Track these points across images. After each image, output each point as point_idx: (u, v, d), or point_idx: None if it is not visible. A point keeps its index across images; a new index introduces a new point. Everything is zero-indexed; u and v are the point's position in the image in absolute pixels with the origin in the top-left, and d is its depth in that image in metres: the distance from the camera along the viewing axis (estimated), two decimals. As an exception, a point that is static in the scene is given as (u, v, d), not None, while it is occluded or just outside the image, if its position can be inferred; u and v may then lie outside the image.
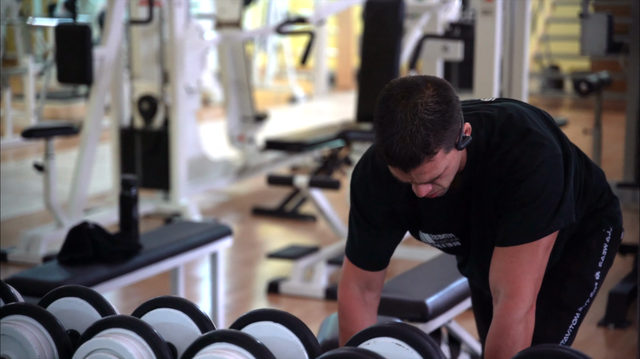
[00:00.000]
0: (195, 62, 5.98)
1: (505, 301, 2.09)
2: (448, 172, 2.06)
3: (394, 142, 1.96)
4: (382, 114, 1.99)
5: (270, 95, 12.17)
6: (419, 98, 1.97)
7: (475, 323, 2.68)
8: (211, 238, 4.01)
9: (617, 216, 2.35)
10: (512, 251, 2.10)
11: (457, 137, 2.04)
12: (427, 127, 1.96)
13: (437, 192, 2.11)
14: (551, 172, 2.10)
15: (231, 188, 7.12)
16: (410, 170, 2.00)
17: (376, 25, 5.40)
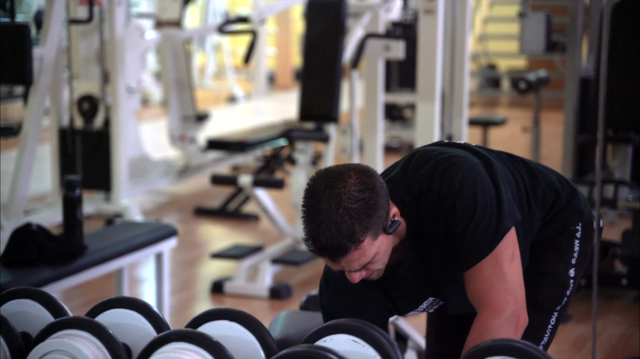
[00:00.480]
0: (135, 61, 5.94)
1: (480, 315, 2.11)
2: (378, 257, 2.09)
3: (320, 233, 2.00)
4: (308, 205, 2.03)
5: (209, 95, 12.13)
6: (342, 187, 2.01)
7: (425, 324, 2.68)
8: (156, 239, 3.99)
9: (583, 209, 2.35)
10: (474, 271, 2.13)
11: (384, 222, 2.06)
12: (352, 215, 1.99)
13: (373, 275, 2.12)
14: (475, 183, 2.12)
15: (172, 188, 7.08)
16: (339, 259, 2.04)
17: (318, 24, 5.41)
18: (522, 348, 1.76)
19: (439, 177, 2.13)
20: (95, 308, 1.98)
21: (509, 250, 2.13)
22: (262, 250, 5.06)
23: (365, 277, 2.11)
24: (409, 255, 2.19)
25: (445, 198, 2.11)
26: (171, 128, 6.97)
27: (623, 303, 4.59)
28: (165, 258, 4.09)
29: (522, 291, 2.14)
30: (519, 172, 2.28)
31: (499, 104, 11.87)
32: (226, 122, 9.76)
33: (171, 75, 6.95)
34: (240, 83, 12.51)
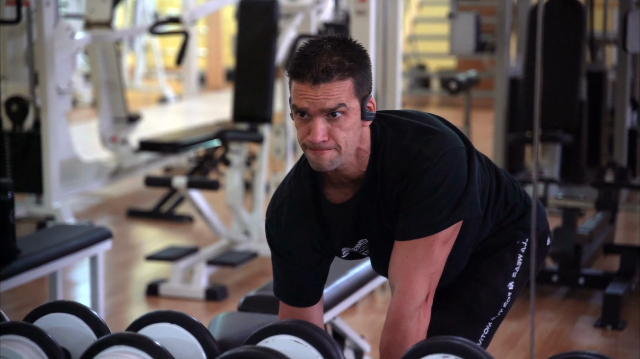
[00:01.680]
0: (65, 62, 5.86)
1: (397, 297, 2.12)
2: (349, 122, 2.09)
3: (311, 56, 2.07)
4: (307, 44, 2.11)
5: (139, 96, 12.03)
6: (344, 41, 2.13)
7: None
8: (90, 241, 3.95)
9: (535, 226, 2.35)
10: (409, 245, 2.13)
11: (365, 95, 2.11)
12: (345, 54, 2.09)
13: (331, 155, 2.10)
14: (452, 164, 2.13)
15: (105, 190, 7.02)
16: (320, 83, 2.06)
17: (250, 25, 5.41)
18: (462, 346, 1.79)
19: (424, 141, 2.15)
20: (33, 313, 1.96)
21: (446, 237, 2.14)
22: (197, 252, 5.04)
23: (322, 150, 2.09)
24: (360, 192, 2.20)
25: (420, 162, 2.12)
26: (102, 130, 6.90)
27: (554, 299, 4.68)
28: (99, 260, 4.05)
29: (437, 281, 2.15)
30: (489, 177, 2.29)
31: (429, 104, 11.99)
32: (158, 123, 9.70)
33: (101, 76, 6.87)
34: (170, 83, 12.44)
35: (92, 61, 7.00)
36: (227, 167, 5.42)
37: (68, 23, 5.87)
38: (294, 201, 2.25)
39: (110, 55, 6.90)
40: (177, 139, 6.39)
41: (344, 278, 3.32)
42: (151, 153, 6.72)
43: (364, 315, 4.50)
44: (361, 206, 2.21)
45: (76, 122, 9.92)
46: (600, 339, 4.22)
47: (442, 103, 11.71)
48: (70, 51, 5.89)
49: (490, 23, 7.61)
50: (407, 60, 11.88)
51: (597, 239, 4.94)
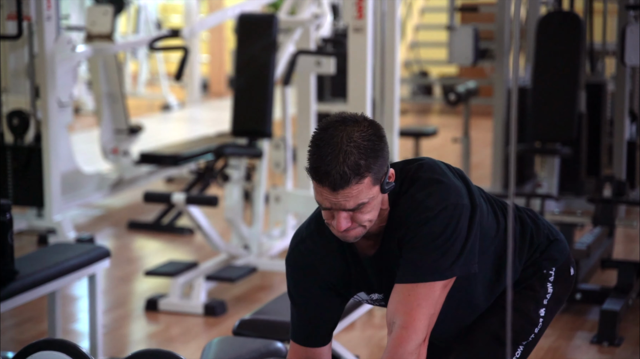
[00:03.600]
0: (66, 75, 5.89)
1: (399, 332, 2.16)
2: (370, 207, 2.15)
3: (327, 161, 2.09)
4: (319, 137, 2.13)
5: (143, 103, 12.05)
6: (356, 127, 2.13)
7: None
8: (89, 261, 3.97)
9: (558, 257, 2.43)
10: (410, 286, 2.18)
11: (383, 176, 2.15)
12: (361, 151, 2.10)
13: (357, 232, 2.18)
14: (453, 218, 2.18)
15: (106, 202, 7.05)
16: (338, 189, 2.10)
17: (250, 40, 5.43)
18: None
19: (430, 190, 2.20)
20: (25, 350, 1.99)
21: (445, 284, 2.20)
22: (196, 266, 5.06)
23: (347, 232, 2.16)
24: (379, 244, 2.26)
25: (421, 212, 2.18)
26: (103, 142, 6.93)
27: (551, 314, 4.69)
28: (98, 279, 4.08)
29: (433, 324, 2.20)
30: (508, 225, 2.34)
31: (431, 111, 12.00)
32: (160, 133, 9.73)
33: (103, 88, 6.91)
34: (173, 90, 12.46)
35: (93, 73, 7.04)
36: (226, 182, 5.43)
37: (69, 36, 5.90)
38: (317, 241, 2.30)
39: (112, 68, 6.93)
40: (177, 152, 6.41)
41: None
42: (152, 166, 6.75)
43: (361, 331, 4.52)
44: (383, 259, 2.27)
45: (79, 130, 9.96)
46: (596, 356, 4.23)
47: (444, 110, 11.72)
48: (71, 64, 5.92)
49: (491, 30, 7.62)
50: (409, 67, 11.90)
51: (594, 254, 4.95)
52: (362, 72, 5.00)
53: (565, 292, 2.46)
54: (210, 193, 6.79)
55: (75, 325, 4.71)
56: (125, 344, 4.52)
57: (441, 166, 2.28)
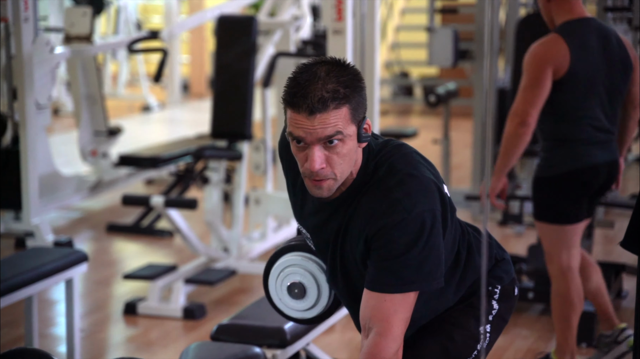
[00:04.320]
0: (45, 77, 5.85)
1: (377, 339, 2.14)
2: (346, 149, 2.12)
3: (304, 85, 2.07)
4: (299, 69, 2.12)
5: (123, 104, 12.00)
6: (337, 65, 2.12)
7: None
8: (66, 265, 3.94)
9: (503, 276, 2.43)
10: (387, 294, 2.16)
11: (361, 120, 2.12)
12: (340, 81, 2.09)
13: (329, 184, 2.14)
14: (426, 225, 2.14)
15: (85, 205, 7.01)
16: (316, 113, 2.07)
17: (229, 42, 5.42)
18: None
19: (408, 189, 2.15)
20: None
21: (416, 293, 2.19)
22: (175, 270, 5.04)
23: (320, 179, 2.13)
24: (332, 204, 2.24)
25: (398, 212, 2.13)
26: (82, 144, 6.90)
27: (530, 316, 4.70)
28: (75, 284, 4.05)
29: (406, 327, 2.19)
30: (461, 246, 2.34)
31: (412, 112, 12.00)
32: (140, 134, 9.69)
33: (82, 89, 6.87)
34: (154, 91, 12.42)
35: (72, 75, 7.00)
36: (206, 184, 5.41)
37: (48, 37, 5.86)
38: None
39: (91, 69, 6.90)
40: (157, 154, 6.39)
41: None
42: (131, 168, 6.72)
43: (341, 333, 4.51)
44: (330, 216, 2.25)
45: (58, 131, 9.91)
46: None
47: (425, 111, 11.72)
48: (49, 66, 5.88)
49: (471, 31, 7.63)
50: (390, 68, 11.90)
51: (573, 255, 4.96)
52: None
53: (509, 311, 2.45)
54: (190, 195, 6.77)
55: (52, 329, 4.68)
56: (103, 348, 4.49)
57: (415, 157, 2.24)
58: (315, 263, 2.40)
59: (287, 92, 2.08)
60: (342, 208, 2.22)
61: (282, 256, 2.45)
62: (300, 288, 2.41)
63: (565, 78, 3.68)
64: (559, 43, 3.69)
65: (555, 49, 3.69)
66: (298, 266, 2.41)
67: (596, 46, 3.73)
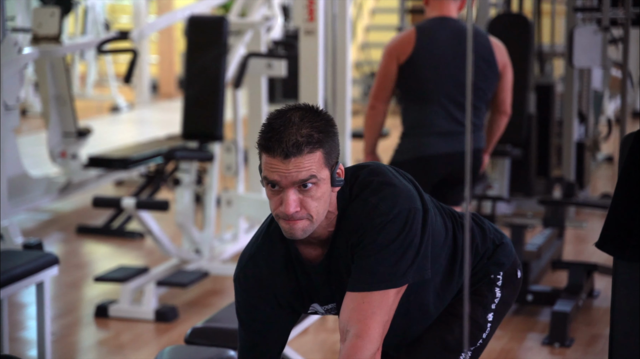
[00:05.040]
0: (13, 78, 5.78)
1: (353, 341, 2.14)
2: (320, 192, 2.13)
3: (280, 131, 2.09)
4: (273, 115, 2.14)
5: (91, 105, 11.92)
6: (310, 111, 2.15)
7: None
8: (36, 268, 3.89)
9: (505, 261, 2.43)
10: (364, 294, 2.16)
11: (334, 165, 2.15)
12: (313, 126, 2.11)
13: (303, 226, 2.14)
14: (406, 223, 2.16)
15: (54, 206, 6.95)
16: (290, 157, 2.08)
17: (200, 42, 5.39)
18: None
19: (382, 194, 2.18)
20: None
21: (399, 290, 2.19)
22: (147, 272, 5.00)
23: (295, 221, 2.12)
24: (329, 252, 2.23)
25: (375, 217, 2.15)
26: (51, 145, 6.82)
27: (502, 316, 4.71)
28: (46, 287, 4.00)
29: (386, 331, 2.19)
30: (457, 231, 2.36)
31: (382, 111, 11.99)
32: (109, 135, 9.63)
33: (50, 90, 6.80)
34: (122, 92, 12.34)
35: (40, 75, 6.92)
36: (177, 186, 5.38)
37: (15, 38, 5.80)
38: (266, 257, 2.27)
39: (59, 70, 6.82)
40: (127, 155, 6.34)
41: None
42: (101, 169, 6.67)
43: (314, 335, 4.50)
44: (332, 266, 2.25)
45: (26, 133, 9.82)
46: (548, 357, 4.26)
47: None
48: (17, 67, 5.82)
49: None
50: (360, 68, 11.91)
51: (545, 255, 4.99)
52: (313, 74, 4.98)
53: (513, 295, 2.46)
54: (161, 196, 6.73)
55: (23, 333, 4.63)
56: (74, 351, 4.45)
57: (390, 170, 2.27)
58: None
59: (262, 137, 2.11)
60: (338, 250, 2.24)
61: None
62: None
63: (406, 64, 4.08)
64: (410, 35, 4.13)
65: (403, 40, 4.13)
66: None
67: (446, 41, 4.09)
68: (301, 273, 2.27)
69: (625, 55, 4.85)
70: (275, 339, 2.32)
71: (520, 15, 6.25)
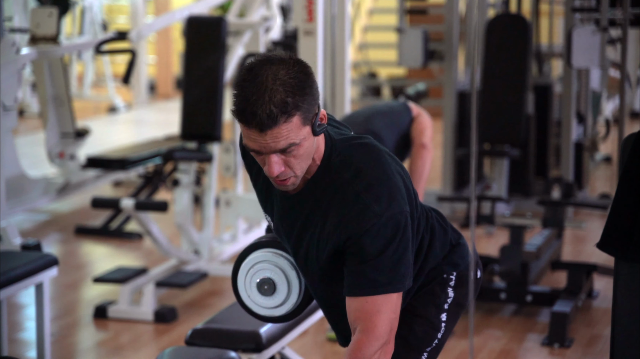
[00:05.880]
0: (11, 78, 5.77)
1: (359, 337, 2.15)
2: (302, 150, 2.11)
3: (252, 100, 2.03)
4: (245, 77, 2.07)
5: (89, 105, 11.90)
6: (282, 65, 2.07)
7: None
8: (36, 269, 3.89)
9: (459, 261, 2.41)
10: (365, 297, 2.16)
11: (313, 117, 2.10)
12: (287, 89, 2.04)
13: (293, 181, 2.14)
14: (399, 227, 2.15)
15: (53, 207, 6.94)
16: (266, 130, 2.05)
17: (199, 43, 5.38)
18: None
19: (377, 195, 2.14)
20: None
21: (398, 294, 2.20)
22: (146, 272, 5.00)
23: (280, 179, 2.12)
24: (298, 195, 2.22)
25: (370, 218, 2.13)
26: (50, 146, 6.81)
27: (502, 317, 4.71)
28: (45, 288, 3.99)
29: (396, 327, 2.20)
30: (426, 234, 2.35)
31: (380, 112, 11.98)
32: (107, 135, 9.61)
33: (48, 91, 6.79)
34: (120, 92, 12.33)
35: (38, 76, 6.91)
36: (176, 186, 5.37)
37: (13, 38, 5.79)
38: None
39: (57, 70, 6.81)
40: (125, 155, 6.33)
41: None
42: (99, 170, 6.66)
43: (314, 335, 4.50)
44: (294, 205, 2.24)
45: (23, 133, 9.81)
46: (547, 358, 4.26)
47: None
48: (15, 67, 5.81)
49: (439, 31, 7.64)
50: (357, 68, 11.89)
51: (544, 255, 4.99)
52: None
53: (466, 296, 2.43)
54: (159, 197, 6.72)
55: (21, 334, 4.62)
56: (73, 352, 4.44)
57: (385, 154, 2.24)
58: (285, 259, 2.39)
59: (236, 107, 2.06)
60: (307, 198, 2.22)
61: (252, 252, 2.43)
62: (270, 284, 2.40)
63: None
64: None
65: None
66: (268, 263, 2.41)
67: None
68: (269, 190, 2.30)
69: (624, 55, 4.86)
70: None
71: (518, 16, 6.25)
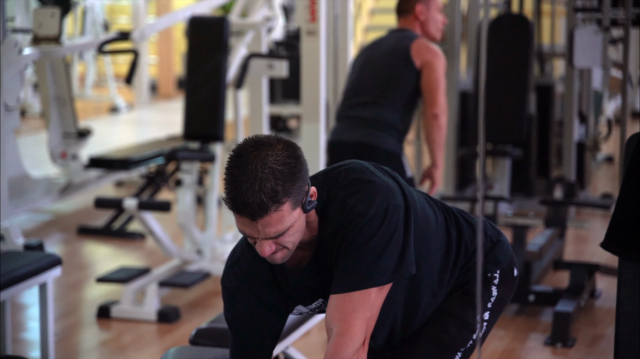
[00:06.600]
0: (13, 79, 5.78)
1: (336, 340, 2.14)
2: (293, 231, 2.11)
3: (243, 190, 2.04)
4: (233, 164, 2.07)
5: (90, 106, 11.91)
6: (270, 151, 2.07)
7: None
8: (39, 269, 3.89)
9: (501, 259, 2.41)
10: (345, 294, 2.16)
11: (303, 197, 2.11)
12: (276, 176, 2.05)
13: (281, 256, 2.14)
14: (384, 221, 2.14)
15: (55, 207, 6.95)
16: (257, 219, 2.06)
17: (201, 43, 5.38)
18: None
19: (361, 194, 2.16)
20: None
21: (381, 286, 2.17)
22: (148, 272, 5.00)
23: (271, 256, 2.13)
24: (313, 253, 2.23)
25: (354, 218, 2.14)
26: (52, 146, 6.82)
27: (505, 316, 4.71)
28: (49, 288, 4.00)
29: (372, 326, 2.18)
30: (450, 232, 2.34)
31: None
32: (109, 135, 9.62)
33: (50, 91, 6.79)
34: (121, 92, 12.33)
35: (40, 76, 6.92)
36: (178, 186, 5.37)
37: (16, 38, 5.79)
38: (249, 260, 2.27)
39: (59, 70, 6.82)
40: (127, 156, 6.34)
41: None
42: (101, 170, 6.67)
43: (318, 334, 4.50)
44: (321, 266, 2.24)
45: (25, 133, 9.81)
46: (550, 358, 4.26)
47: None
48: (18, 67, 5.81)
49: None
50: (358, 67, 11.89)
51: (546, 255, 5.00)
52: (315, 75, 4.99)
53: (510, 294, 2.44)
54: (161, 197, 6.73)
55: (25, 334, 4.63)
56: (77, 352, 4.45)
57: (369, 167, 2.25)
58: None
59: (227, 195, 2.07)
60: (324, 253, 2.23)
61: None
62: None
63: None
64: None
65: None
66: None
67: (381, 44, 4.45)
68: (281, 278, 2.27)
69: (626, 55, 4.86)
70: (262, 341, 2.30)
71: (520, 16, 6.25)
